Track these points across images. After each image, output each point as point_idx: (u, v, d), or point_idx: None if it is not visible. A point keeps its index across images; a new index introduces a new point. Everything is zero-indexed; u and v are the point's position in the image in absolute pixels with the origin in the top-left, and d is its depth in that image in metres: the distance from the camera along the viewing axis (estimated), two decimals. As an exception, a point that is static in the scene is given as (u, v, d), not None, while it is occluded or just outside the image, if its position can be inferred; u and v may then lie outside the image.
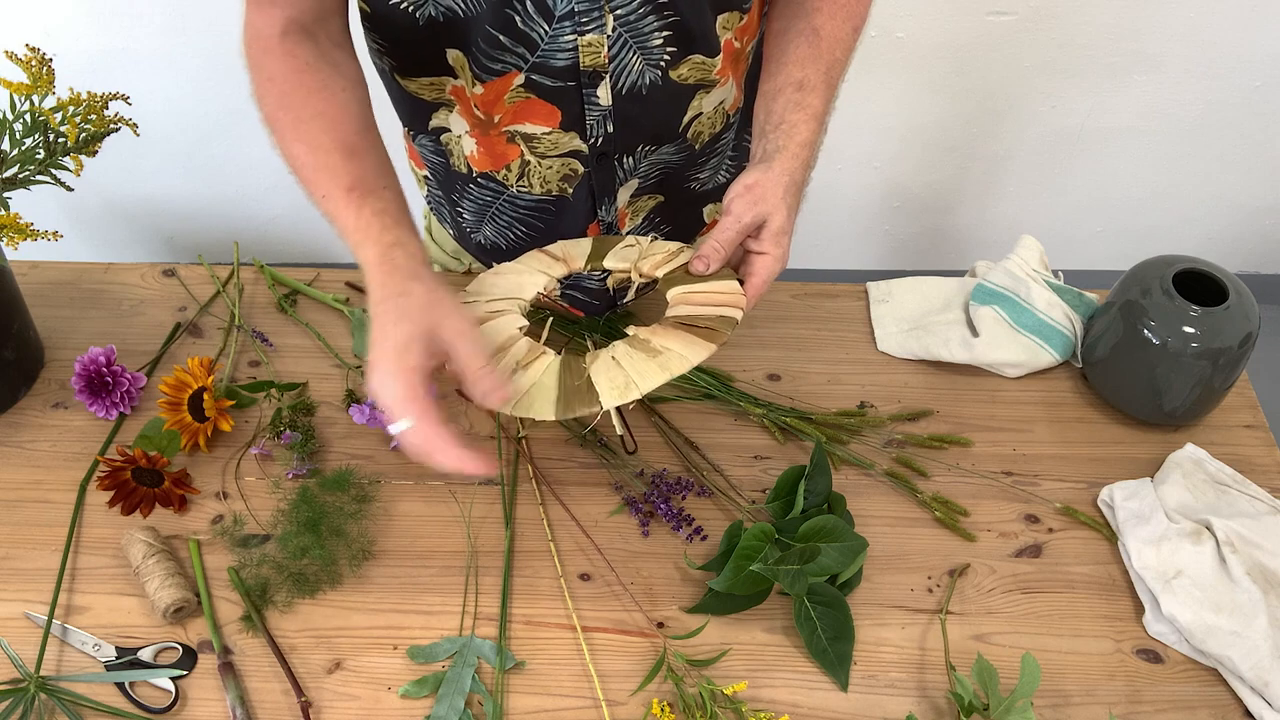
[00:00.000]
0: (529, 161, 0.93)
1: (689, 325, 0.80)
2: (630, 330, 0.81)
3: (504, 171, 0.96)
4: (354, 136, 0.80)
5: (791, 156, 0.81)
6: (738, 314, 0.80)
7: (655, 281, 0.88)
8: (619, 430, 0.84)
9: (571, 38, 0.82)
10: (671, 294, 0.84)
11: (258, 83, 0.82)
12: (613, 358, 0.78)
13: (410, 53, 0.86)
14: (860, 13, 0.89)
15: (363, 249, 0.75)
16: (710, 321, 0.79)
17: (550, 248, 0.93)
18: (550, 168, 0.94)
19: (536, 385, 0.77)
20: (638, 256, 0.89)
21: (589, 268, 0.90)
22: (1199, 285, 0.96)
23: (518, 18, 0.80)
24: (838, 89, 0.87)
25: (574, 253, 0.92)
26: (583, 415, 0.74)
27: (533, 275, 0.88)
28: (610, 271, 0.90)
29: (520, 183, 0.96)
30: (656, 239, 0.92)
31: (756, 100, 0.88)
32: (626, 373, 0.76)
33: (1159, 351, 0.94)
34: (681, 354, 0.77)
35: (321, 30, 0.84)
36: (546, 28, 0.81)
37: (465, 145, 0.96)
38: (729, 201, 0.81)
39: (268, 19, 0.81)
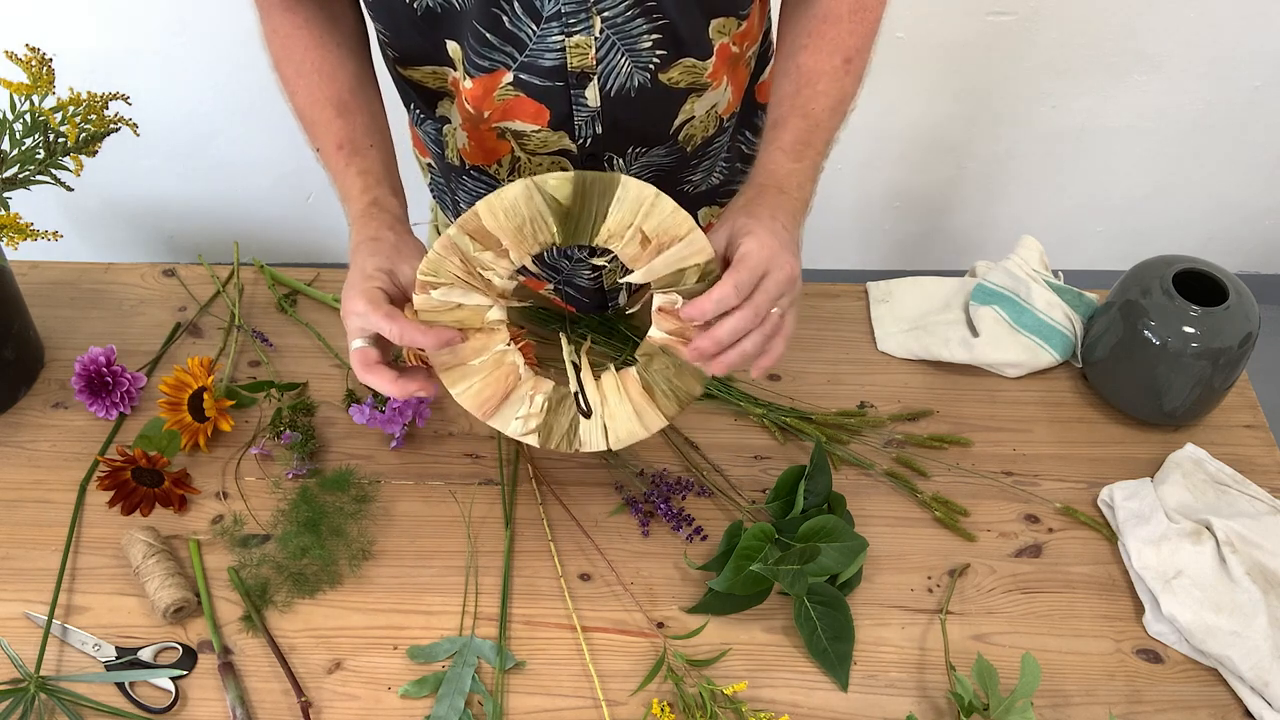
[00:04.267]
0: (519, 158, 0.94)
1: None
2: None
3: (495, 166, 0.96)
4: (346, 93, 0.86)
5: (758, 187, 0.82)
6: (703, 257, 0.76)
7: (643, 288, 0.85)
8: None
9: (559, 38, 0.82)
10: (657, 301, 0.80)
11: (265, 34, 0.88)
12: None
13: (412, 42, 0.87)
14: (852, 44, 0.88)
15: (347, 204, 0.83)
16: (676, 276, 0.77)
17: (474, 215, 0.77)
18: (540, 165, 0.94)
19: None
20: (636, 217, 0.76)
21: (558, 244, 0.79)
22: (1199, 285, 0.96)
23: (505, 17, 0.81)
24: (824, 117, 0.86)
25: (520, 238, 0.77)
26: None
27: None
28: (601, 270, 0.88)
29: (511, 178, 0.96)
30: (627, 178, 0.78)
31: None
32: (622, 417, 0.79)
33: (1159, 351, 0.94)
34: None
35: None
36: (534, 28, 0.81)
37: (459, 138, 0.96)
38: None
39: None
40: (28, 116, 0.93)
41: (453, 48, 0.85)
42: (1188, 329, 0.93)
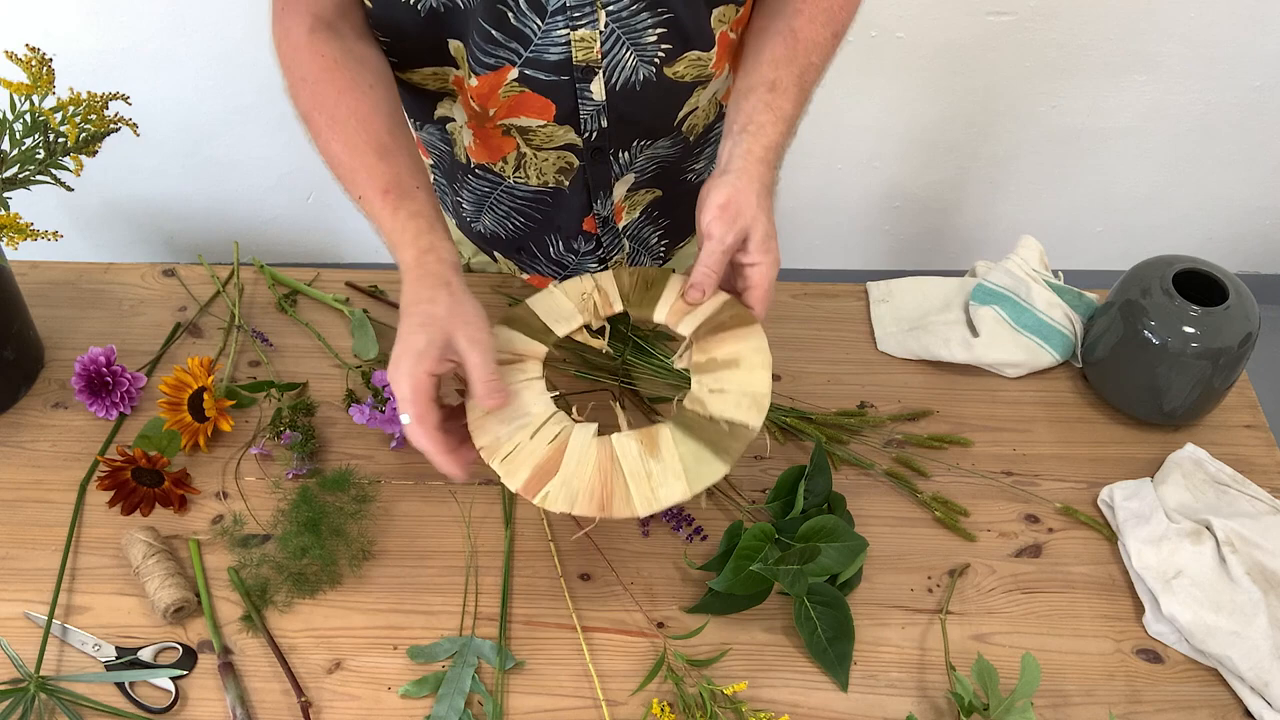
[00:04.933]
0: (525, 154, 0.94)
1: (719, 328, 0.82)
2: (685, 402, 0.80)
3: (501, 163, 0.96)
4: (386, 136, 0.82)
5: (758, 162, 0.81)
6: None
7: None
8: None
9: (564, 33, 0.82)
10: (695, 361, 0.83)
11: (291, 82, 0.84)
12: (700, 398, 0.79)
13: (413, 45, 0.87)
14: (842, 19, 0.88)
15: (399, 251, 0.78)
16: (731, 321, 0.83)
17: (508, 357, 0.85)
18: (546, 160, 0.94)
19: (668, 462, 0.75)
20: (595, 301, 0.87)
21: (558, 339, 0.87)
22: (1199, 285, 0.96)
23: (510, 13, 0.81)
24: (811, 93, 0.87)
25: (531, 349, 0.86)
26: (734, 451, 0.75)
27: (529, 386, 0.83)
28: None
29: (517, 174, 0.97)
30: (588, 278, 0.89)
31: (730, 98, 0.87)
32: (736, 392, 0.77)
33: (1159, 351, 0.94)
34: (751, 351, 0.79)
35: (345, 23, 0.84)
36: (539, 23, 0.82)
37: (464, 136, 0.96)
38: (707, 224, 0.79)
39: (296, 19, 0.82)
40: (28, 116, 0.93)
41: (455, 46, 0.85)
42: (1188, 329, 0.93)
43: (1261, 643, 0.82)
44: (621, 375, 1.02)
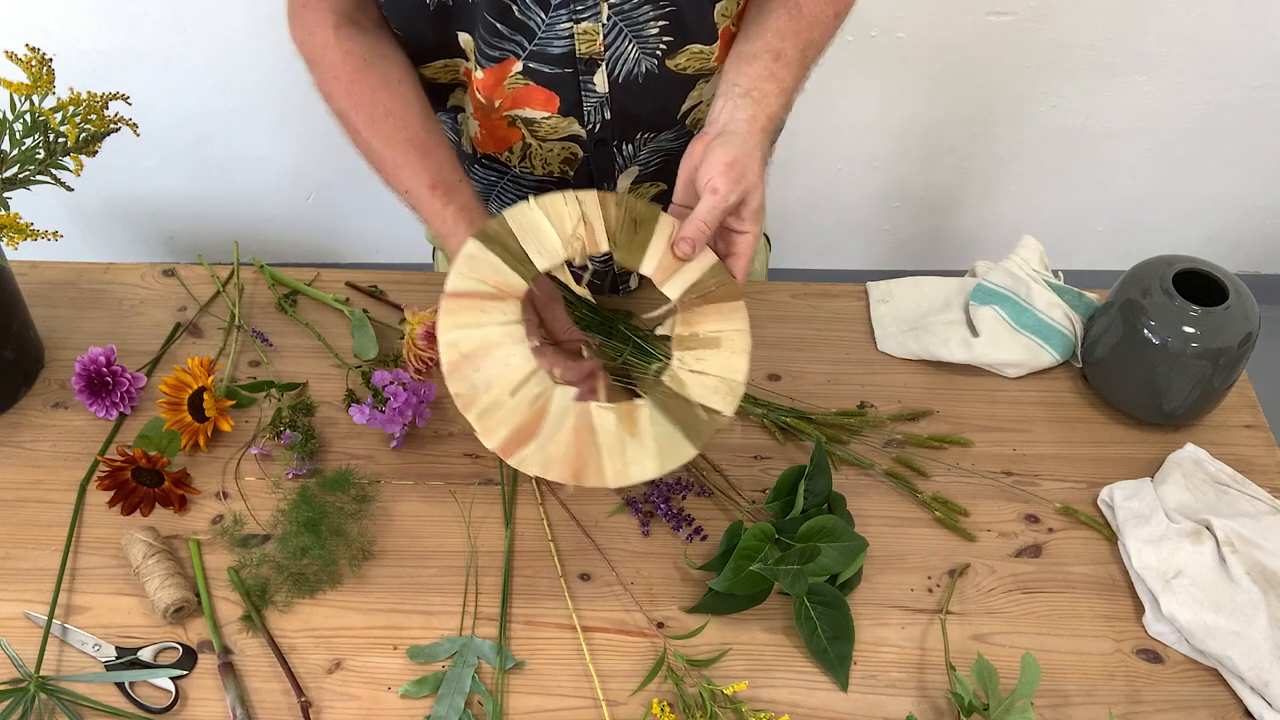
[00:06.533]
0: (530, 145, 0.94)
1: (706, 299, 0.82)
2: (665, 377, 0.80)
3: (507, 154, 0.97)
4: (423, 133, 0.85)
5: (761, 130, 0.80)
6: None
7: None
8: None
9: (568, 25, 0.83)
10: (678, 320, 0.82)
11: (321, 80, 0.87)
12: (675, 375, 0.79)
13: (424, 37, 0.88)
14: None
15: (449, 242, 0.83)
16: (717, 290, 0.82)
17: (486, 289, 0.78)
18: (551, 150, 0.95)
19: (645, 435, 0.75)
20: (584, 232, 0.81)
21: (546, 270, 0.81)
22: (1199, 285, 0.96)
23: (515, 7, 0.82)
24: (810, 70, 0.87)
25: (511, 285, 0.78)
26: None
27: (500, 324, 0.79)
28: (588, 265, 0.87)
29: (523, 164, 0.97)
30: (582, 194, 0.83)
31: (729, 59, 0.85)
32: (715, 376, 0.78)
33: (1159, 351, 0.94)
34: (732, 333, 0.80)
35: (364, 16, 0.87)
36: (543, 16, 0.82)
37: (470, 127, 0.97)
38: (710, 179, 0.76)
39: (319, 15, 0.85)
40: (28, 116, 0.93)
41: (464, 39, 0.86)
42: (1188, 329, 0.93)
43: (1261, 643, 0.82)
44: (620, 374, 1.02)
